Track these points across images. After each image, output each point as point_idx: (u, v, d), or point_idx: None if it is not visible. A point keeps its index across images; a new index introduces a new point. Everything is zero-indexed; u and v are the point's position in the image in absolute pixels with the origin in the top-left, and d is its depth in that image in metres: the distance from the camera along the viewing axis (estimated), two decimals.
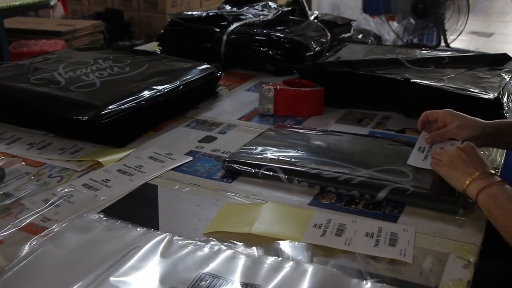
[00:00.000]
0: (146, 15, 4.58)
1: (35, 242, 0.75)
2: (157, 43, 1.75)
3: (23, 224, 0.80)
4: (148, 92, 1.15)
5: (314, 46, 1.55)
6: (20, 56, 3.11)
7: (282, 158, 0.96)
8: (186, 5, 4.65)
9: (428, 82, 1.18)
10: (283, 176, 0.91)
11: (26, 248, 0.73)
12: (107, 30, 4.03)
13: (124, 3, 4.65)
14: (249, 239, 0.75)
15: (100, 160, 0.98)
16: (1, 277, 0.68)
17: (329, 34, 1.65)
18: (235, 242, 0.75)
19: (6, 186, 0.91)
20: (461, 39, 3.83)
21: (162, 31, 1.71)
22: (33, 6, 3.10)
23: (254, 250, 0.72)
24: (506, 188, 0.78)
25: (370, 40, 2.86)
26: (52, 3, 3.08)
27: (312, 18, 1.72)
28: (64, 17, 4.99)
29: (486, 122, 0.96)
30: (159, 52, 1.69)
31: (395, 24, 3.55)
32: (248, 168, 0.94)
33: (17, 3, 2.93)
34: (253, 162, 0.95)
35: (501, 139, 0.97)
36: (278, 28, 1.57)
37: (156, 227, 0.79)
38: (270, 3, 1.90)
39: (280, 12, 1.71)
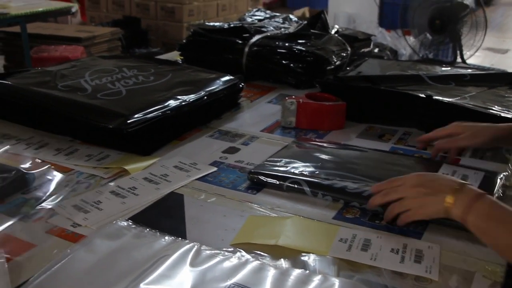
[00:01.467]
0: (163, 23, 4.63)
1: (66, 247, 0.76)
2: (178, 52, 1.77)
3: (53, 229, 0.82)
4: (173, 102, 1.17)
5: (335, 60, 1.56)
6: (40, 61, 3.15)
7: (307, 172, 0.97)
8: (203, 14, 4.69)
9: (450, 100, 1.19)
10: (308, 189, 0.92)
11: (57, 253, 0.75)
12: (124, 37, 4.07)
13: (142, 11, 4.71)
14: (276, 251, 0.77)
15: (126, 167, 1.00)
16: (33, 281, 0.69)
17: (349, 49, 1.66)
18: (261, 253, 0.76)
19: (36, 191, 0.93)
20: (476, 55, 3.84)
21: (184, 41, 1.73)
22: (55, 13, 3.15)
23: (282, 262, 0.73)
24: (493, 200, 0.74)
25: (386, 54, 2.86)
26: (73, 10, 3.13)
27: (333, 32, 1.73)
28: (82, 23, 5.05)
29: (497, 126, 0.97)
30: (180, 62, 1.71)
31: (411, 39, 3.56)
32: (273, 180, 0.95)
33: (40, 9, 2.97)
34: (278, 174, 0.96)
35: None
36: (300, 41, 1.59)
37: (184, 236, 0.80)
38: (291, 16, 1.92)
39: (301, 25, 1.73)
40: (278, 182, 0.95)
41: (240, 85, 1.37)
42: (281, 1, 7.71)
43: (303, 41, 1.59)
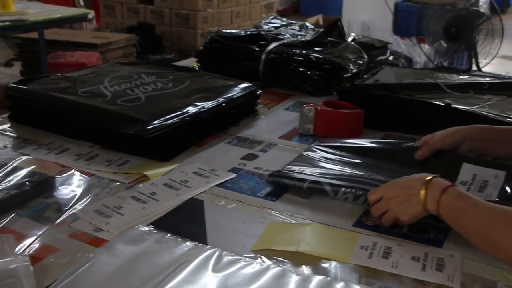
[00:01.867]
0: (177, 30, 4.66)
1: (89, 251, 0.77)
2: (195, 59, 1.78)
3: (76, 233, 0.83)
4: (192, 108, 1.18)
5: (352, 68, 1.56)
6: (57, 67, 3.19)
7: (326, 173, 0.98)
8: (217, 21, 4.71)
9: (469, 108, 1.19)
10: (328, 188, 0.92)
11: (80, 257, 0.76)
12: (139, 44, 4.10)
13: (157, 18, 4.74)
14: (296, 258, 0.77)
15: (146, 173, 1.01)
16: (58, 284, 0.70)
17: (366, 56, 1.66)
18: (282, 259, 0.77)
19: (58, 195, 0.94)
20: (491, 63, 3.82)
21: (201, 47, 1.74)
22: (72, 19, 3.18)
23: (303, 269, 0.74)
24: (458, 191, 0.77)
25: (401, 62, 2.86)
26: (90, 16, 3.16)
27: (349, 40, 1.74)
28: (97, 29, 5.09)
29: (463, 127, 1.01)
30: (197, 68, 1.72)
31: (426, 47, 3.55)
32: (292, 182, 0.96)
33: (57, 15, 3.01)
34: (297, 176, 0.97)
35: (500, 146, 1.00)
36: (316, 49, 1.60)
37: (204, 242, 0.81)
38: (307, 24, 1.93)
39: (318, 33, 1.73)
40: (297, 184, 0.95)
41: (258, 92, 1.37)
42: (294, 9, 7.73)
43: (320, 48, 1.60)
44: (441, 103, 1.22)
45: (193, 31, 4.57)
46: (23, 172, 0.99)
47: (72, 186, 0.97)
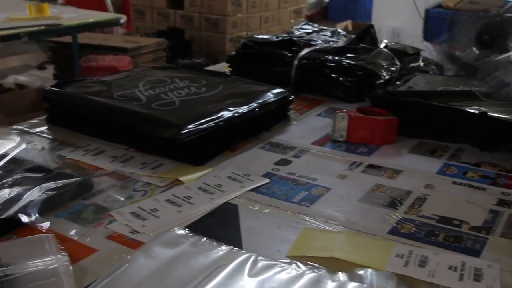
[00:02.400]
0: (206, 34, 4.70)
1: (126, 253, 0.78)
2: (226, 64, 1.80)
3: (113, 235, 0.84)
4: (226, 113, 1.19)
5: (384, 74, 1.56)
6: (89, 70, 3.24)
7: None
8: (246, 26, 4.74)
9: (505, 116, 1.18)
10: None
11: (118, 258, 0.77)
12: (168, 48, 4.15)
13: (186, 22, 4.79)
14: (331, 264, 0.77)
15: (181, 179, 1.02)
16: (97, 285, 0.71)
17: (398, 63, 1.66)
18: (317, 265, 0.77)
19: (95, 197, 0.96)
20: None
21: (233, 53, 1.75)
22: (105, 24, 3.24)
23: (339, 275, 0.74)
24: None
25: (431, 69, 2.83)
26: (122, 21, 3.21)
27: (381, 46, 1.73)
28: (127, 33, 5.16)
29: None
30: (228, 73, 1.73)
31: (457, 54, 3.50)
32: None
33: (91, 20, 3.06)
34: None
35: None
36: (349, 55, 1.59)
37: (239, 246, 0.81)
38: (339, 30, 1.92)
39: (350, 39, 1.73)
40: None
41: (290, 98, 1.38)
42: (322, 14, 7.73)
43: (353, 55, 1.59)
44: (476, 111, 1.20)
45: (222, 36, 4.61)
46: (61, 173, 1.01)
47: (108, 188, 0.99)
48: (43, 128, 1.29)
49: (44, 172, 1.00)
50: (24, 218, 0.86)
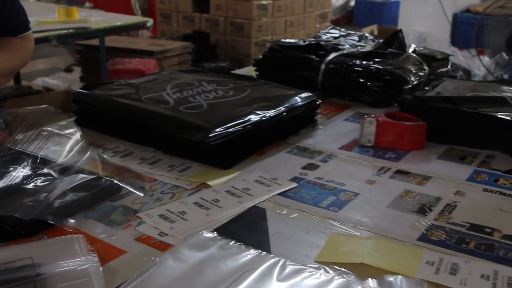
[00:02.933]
0: (231, 38, 4.72)
1: (154, 255, 0.79)
2: (253, 68, 1.80)
3: (142, 237, 0.84)
4: (253, 117, 1.19)
5: (413, 80, 1.54)
6: (116, 73, 3.27)
7: None
8: (271, 30, 4.75)
9: None
10: None
11: (147, 260, 0.77)
12: (194, 51, 4.17)
13: (211, 26, 4.81)
14: (360, 270, 0.76)
15: (208, 182, 1.02)
16: (126, 286, 0.71)
17: (427, 68, 1.64)
18: (346, 271, 0.76)
19: (123, 198, 0.96)
20: None
21: (260, 56, 1.75)
22: (132, 27, 3.27)
23: (369, 281, 0.73)
24: None
25: (459, 74, 2.80)
26: (148, 24, 3.23)
27: (410, 51, 1.72)
28: (152, 37, 5.21)
29: None
30: (255, 77, 1.73)
31: (485, 59, 3.47)
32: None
33: (118, 23, 3.09)
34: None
35: None
36: (377, 59, 1.58)
37: (268, 250, 0.81)
38: (367, 34, 1.91)
39: (378, 44, 1.72)
40: None
41: (318, 102, 1.37)
42: (347, 18, 7.70)
43: (380, 59, 1.58)
44: (507, 117, 1.18)
45: (247, 40, 4.62)
46: (90, 175, 1.01)
47: (136, 190, 0.99)
48: (72, 130, 1.30)
49: (74, 173, 1.00)
50: (54, 219, 0.87)
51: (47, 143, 1.22)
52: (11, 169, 1.02)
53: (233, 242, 0.82)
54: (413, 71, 1.57)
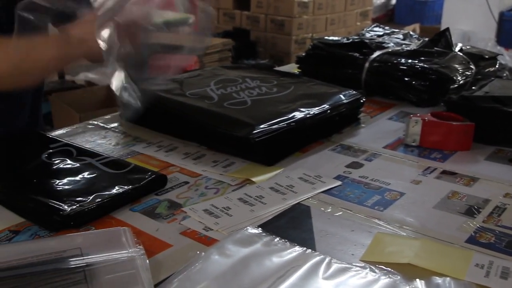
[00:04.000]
0: (272, 36, 4.71)
1: (199, 249, 0.79)
2: (295, 65, 1.79)
3: (187, 231, 0.85)
4: (298, 114, 1.18)
5: (459, 79, 1.51)
6: (156, 69, 3.30)
7: None
8: (312, 28, 4.72)
9: None
10: None
11: (192, 254, 0.78)
12: (234, 48, 4.18)
13: (252, 23, 4.82)
14: (406, 271, 0.75)
15: (252, 179, 1.02)
16: (173, 279, 0.72)
17: (474, 68, 1.60)
18: (392, 271, 0.75)
19: (168, 193, 0.97)
20: None
21: (303, 54, 1.74)
22: (174, 23, 3.28)
23: (417, 282, 0.72)
24: None
25: (505, 74, 2.73)
26: (190, 21, 3.25)
27: (456, 50, 1.68)
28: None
29: None
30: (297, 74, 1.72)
31: None
32: None
33: (160, 20, 3.11)
34: None
35: None
36: (422, 58, 1.56)
37: (312, 248, 0.80)
38: (411, 33, 1.88)
39: (424, 42, 1.69)
40: None
41: (362, 100, 1.36)
42: (388, 17, 7.60)
43: (426, 58, 1.56)
44: None
45: (288, 37, 4.61)
46: (136, 169, 1.03)
47: (181, 185, 1.00)
48: (117, 124, 1.33)
49: (120, 166, 1.02)
50: (101, 211, 0.88)
51: (93, 136, 1.24)
52: (58, 161, 1.04)
53: (278, 239, 0.81)
54: (460, 70, 1.54)
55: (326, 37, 1.79)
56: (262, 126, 1.11)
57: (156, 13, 1.08)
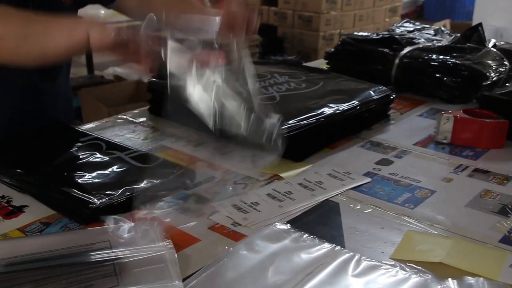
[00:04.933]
0: (299, 32, 4.68)
1: (228, 244, 0.79)
2: (324, 61, 1.78)
3: (215, 226, 0.85)
4: (327, 110, 1.17)
5: (492, 75, 1.48)
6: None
7: None
8: (340, 24, 4.68)
9: None
10: None
11: (220, 249, 0.78)
12: (261, 44, 4.16)
13: (279, 19, 4.79)
14: (438, 270, 0.74)
15: (281, 174, 1.02)
16: (201, 274, 0.72)
17: (507, 64, 1.57)
18: (423, 269, 0.74)
19: (197, 187, 0.97)
20: None
21: (332, 49, 1.73)
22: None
23: (449, 282, 0.70)
24: None
25: None
26: (217, 19, 3.25)
27: (490, 45, 1.65)
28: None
29: None
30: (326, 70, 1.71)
31: None
32: None
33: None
34: None
35: None
36: (454, 54, 1.53)
37: (342, 245, 0.79)
38: (443, 28, 1.85)
39: (456, 38, 1.66)
40: None
41: (392, 97, 1.34)
42: (417, 13, 7.50)
43: (458, 54, 1.53)
44: None
45: (315, 33, 4.57)
46: (165, 162, 1.03)
47: (209, 179, 1.00)
48: (145, 118, 1.33)
49: (149, 160, 1.02)
50: (131, 205, 0.88)
51: (122, 130, 1.25)
52: (88, 154, 1.05)
53: (306, 235, 0.81)
54: (493, 66, 1.51)
55: (355, 33, 1.77)
56: (291, 121, 1.10)
57: None
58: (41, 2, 1.07)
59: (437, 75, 1.48)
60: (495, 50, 1.60)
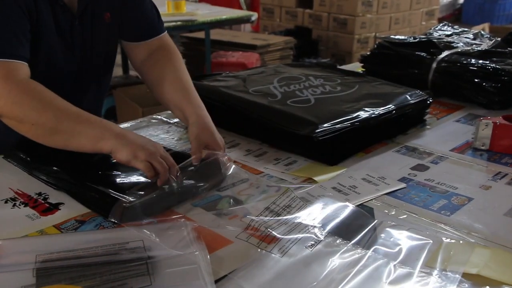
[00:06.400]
0: (334, 34, 4.66)
1: (261, 247, 0.78)
2: (359, 64, 1.76)
3: (248, 228, 0.84)
4: (362, 114, 1.16)
5: None
6: (219, 65, 3.33)
7: None
8: (375, 27, 4.64)
9: None
10: None
11: (253, 251, 0.77)
12: (295, 47, 4.15)
13: (314, 22, 4.77)
14: (474, 278, 0.72)
15: (315, 178, 1.01)
16: (233, 276, 0.72)
17: None
18: (460, 278, 0.72)
19: (230, 189, 0.97)
20: None
21: (368, 53, 1.71)
22: (237, 20, 3.31)
23: None
24: None
25: None
26: (253, 18, 3.26)
27: None
28: (252, 31, 5.25)
29: None
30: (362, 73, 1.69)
31: None
32: None
33: (224, 17, 3.14)
34: None
35: None
36: (494, 59, 1.50)
37: (375, 251, 0.78)
38: (482, 32, 1.82)
39: (496, 42, 1.63)
40: None
41: (429, 101, 1.32)
42: (455, 16, 7.39)
43: (498, 59, 1.50)
44: None
45: (350, 36, 4.54)
46: (205, 164, 1.03)
47: (242, 181, 0.99)
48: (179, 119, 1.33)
49: (183, 160, 1.02)
50: (165, 205, 0.89)
51: (156, 130, 1.26)
52: None
53: (340, 239, 0.80)
54: None
55: (392, 36, 1.75)
56: (325, 125, 1.09)
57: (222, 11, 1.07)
58: (85, 18, 1.11)
59: (476, 80, 1.45)
60: None
